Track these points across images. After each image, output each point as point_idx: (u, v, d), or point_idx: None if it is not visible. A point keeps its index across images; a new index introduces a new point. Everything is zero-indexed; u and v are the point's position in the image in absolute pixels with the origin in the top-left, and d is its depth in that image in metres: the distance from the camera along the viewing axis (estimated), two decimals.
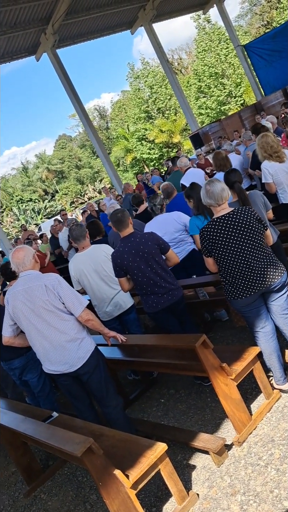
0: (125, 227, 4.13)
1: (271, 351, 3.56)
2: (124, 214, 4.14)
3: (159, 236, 4.23)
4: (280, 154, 5.14)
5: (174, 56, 50.46)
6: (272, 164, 5.18)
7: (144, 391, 4.83)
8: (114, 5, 18.36)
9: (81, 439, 2.71)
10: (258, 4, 49.22)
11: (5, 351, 4.48)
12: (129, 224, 4.14)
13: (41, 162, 57.53)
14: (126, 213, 4.18)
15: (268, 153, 5.12)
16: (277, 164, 5.16)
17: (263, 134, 5.26)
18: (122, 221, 4.12)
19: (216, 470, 3.21)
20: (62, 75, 17.93)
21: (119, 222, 4.13)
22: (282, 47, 21.21)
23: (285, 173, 5.19)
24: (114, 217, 4.17)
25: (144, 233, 4.26)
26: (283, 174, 5.19)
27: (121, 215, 4.13)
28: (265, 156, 5.16)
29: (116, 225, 4.18)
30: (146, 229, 5.13)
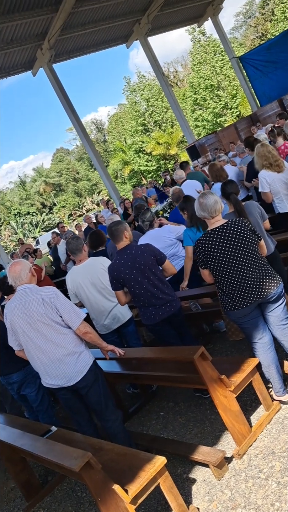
0: (119, 240, 4.13)
1: (269, 362, 3.54)
2: (118, 227, 4.12)
3: (155, 247, 4.23)
4: (280, 163, 5.19)
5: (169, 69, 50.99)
6: (269, 173, 5.21)
7: (143, 404, 4.80)
8: (109, 20, 18.54)
9: (80, 454, 2.68)
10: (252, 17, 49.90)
11: (4, 365, 4.46)
12: (123, 237, 4.12)
13: (38, 175, 57.77)
14: (120, 226, 4.15)
15: (269, 162, 5.15)
16: (275, 173, 5.19)
17: (262, 143, 5.31)
18: (115, 235, 4.12)
19: (216, 484, 3.18)
20: (58, 90, 18.06)
21: (112, 235, 4.14)
22: (277, 58, 21.41)
23: (283, 182, 5.22)
24: (109, 230, 4.19)
25: (140, 244, 4.26)
26: (280, 183, 5.22)
27: (115, 228, 4.13)
28: (264, 164, 5.19)
29: (111, 238, 4.20)
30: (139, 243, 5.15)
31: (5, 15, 14.13)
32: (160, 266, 4.18)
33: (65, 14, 15.28)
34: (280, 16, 36.68)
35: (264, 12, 45.95)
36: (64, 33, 16.92)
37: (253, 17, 49.82)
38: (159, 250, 4.22)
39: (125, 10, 18.79)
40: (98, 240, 5.88)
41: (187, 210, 5.04)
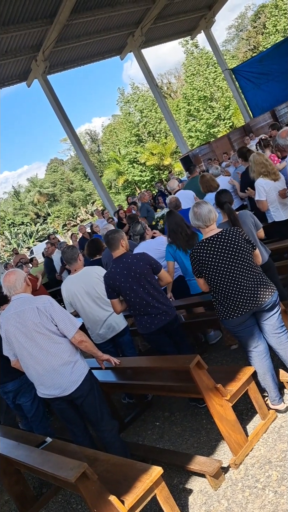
0: (116, 248, 4.14)
1: (265, 370, 3.54)
2: (115, 236, 4.15)
3: (151, 256, 4.24)
4: (276, 171, 5.24)
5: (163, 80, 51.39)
6: (267, 181, 5.27)
7: (139, 414, 4.78)
8: (103, 32, 18.72)
9: (75, 465, 2.66)
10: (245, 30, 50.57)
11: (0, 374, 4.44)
12: (120, 246, 4.14)
13: (33, 185, 57.79)
14: (117, 235, 4.17)
15: (267, 170, 5.20)
16: (271, 182, 5.24)
17: (258, 152, 5.37)
18: (112, 243, 4.14)
19: (213, 494, 3.16)
20: (53, 101, 18.16)
21: (109, 244, 4.16)
22: (269, 70, 21.69)
23: (277, 190, 5.27)
24: (106, 238, 4.21)
25: (136, 253, 4.27)
26: (276, 192, 5.27)
27: (111, 237, 4.15)
28: (262, 172, 5.24)
29: (108, 246, 4.22)
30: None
31: (0, 27, 14.25)
32: (156, 275, 4.19)
33: (59, 26, 15.42)
34: (271, 29, 37.18)
35: (255, 25, 46.58)
36: (58, 45, 17.07)
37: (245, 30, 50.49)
38: (155, 259, 4.23)
39: (119, 22, 18.99)
40: (96, 248, 5.90)
41: (168, 225, 5.06)
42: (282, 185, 5.30)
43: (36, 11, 14.83)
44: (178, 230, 4.97)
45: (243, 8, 69.38)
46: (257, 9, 47.63)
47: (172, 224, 5.04)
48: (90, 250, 5.81)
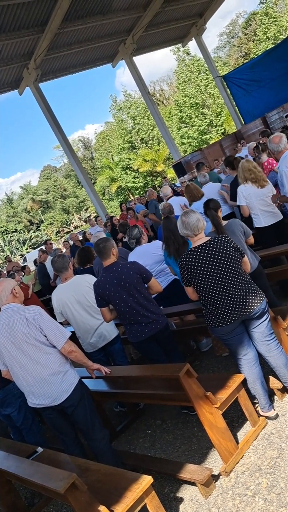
0: (107, 257, 4.14)
1: (254, 378, 3.56)
2: (106, 245, 4.15)
3: (141, 265, 4.24)
4: (264, 178, 5.31)
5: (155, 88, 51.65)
6: (247, 188, 5.34)
7: (130, 423, 4.77)
8: (95, 40, 18.83)
9: (65, 475, 2.66)
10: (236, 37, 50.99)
11: None
12: (111, 254, 4.14)
13: (26, 193, 57.76)
14: (108, 243, 4.17)
15: (255, 176, 5.27)
16: (253, 188, 5.30)
17: (247, 159, 5.44)
18: (103, 252, 4.14)
19: (203, 502, 3.16)
20: (45, 108, 18.22)
21: (100, 253, 4.16)
22: (260, 77, 21.90)
23: (260, 198, 5.33)
24: (96, 247, 4.21)
25: (126, 262, 4.29)
26: (257, 199, 5.33)
27: (103, 245, 4.15)
28: (250, 178, 5.30)
29: (99, 255, 4.21)
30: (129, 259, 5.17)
31: None
32: (146, 284, 4.20)
33: (51, 34, 15.50)
34: (262, 36, 37.55)
35: (247, 33, 47.01)
36: (50, 53, 17.14)
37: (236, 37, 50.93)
38: (145, 268, 4.24)
39: (110, 30, 19.11)
40: (87, 257, 5.89)
41: (163, 231, 5.09)
42: (267, 192, 5.34)
43: (28, 20, 14.90)
44: (170, 238, 4.99)
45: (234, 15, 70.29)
46: (248, 16, 48.13)
47: (166, 231, 5.06)
48: (81, 259, 5.82)
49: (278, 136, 5.13)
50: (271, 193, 5.39)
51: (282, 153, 5.11)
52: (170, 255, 5.02)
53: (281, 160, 5.10)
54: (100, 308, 4.22)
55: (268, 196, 5.37)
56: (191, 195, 6.53)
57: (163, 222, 5.19)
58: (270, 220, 5.44)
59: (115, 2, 16.91)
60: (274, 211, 5.44)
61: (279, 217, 5.47)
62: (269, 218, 5.44)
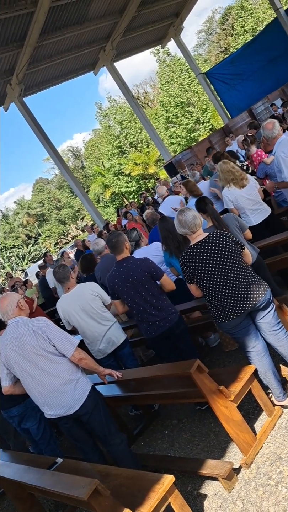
0: (120, 252, 4.22)
1: (266, 369, 3.56)
2: (119, 239, 4.21)
3: (152, 262, 4.25)
4: (244, 177, 5.30)
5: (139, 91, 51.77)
6: (231, 191, 5.38)
7: (147, 425, 4.77)
8: (75, 50, 18.86)
9: (87, 482, 2.66)
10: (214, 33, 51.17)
11: (4, 400, 4.43)
12: (124, 249, 4.20)
13: (20, 207, 57.84)
14: (121, 237, 4.24)
15: (235, 176, 5.28)
16: (237, 190, 5.33)
17: (224, 161, 5.45)
18: (117, 246, 4.21)
19: (227, 496, 3.16)
20: (31, 122, 18.24)
21: (114, 248, 4.23)
22: (242, 70, 22.01)
23: (245, 198, 5.35)
24: (110, 243, 4.27)
25: (137, 259, 4.27)
26: (242, 199, 5.36)
27: (116, 240, 4.22)
28: (231, 179, 5.32)
29: (112, 250, 4.28)
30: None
31: None
32: (157, 281, 4.21)
33: (30, 48, 15.53)
34: (240, 30, 37.73)
35: (224, 28, 47.18)
36: (31, 66, 17.17)
37: (214, 33, 51.10)
38: (156, 266, 4.24)
39: (89, 39, 19.14)
40: (89, 264, 5.91)
41: (160, 232, 5.11)
42: (250, 192, 5.35)
43: (5, 36, 14.94)
44: (169, 237, 5.00)
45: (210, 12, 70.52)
46: (224, 11, 48.30)
47: (163, 231, 5.07)
48: (84, 267, 5.83)
49: (271, 123, 5.14)
50: (255, 189, 5.39)
51: (276, 139, 5.09)
52: (172, 255, 5.02)
53: (276, 146, 5.09)
54: (113, 301, 4.36)
55: (253, 193, 5.37)
56: (192, 190, 6.51)
57: (159, 223, 5.20)
58: (259, 217, 5.46)
59: (90, 11, 16.95)
60: (261, 207, 5.45)
61: (268, 212, 5.47)
62: (258, 215, 5.46)
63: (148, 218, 6.57)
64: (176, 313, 4.28)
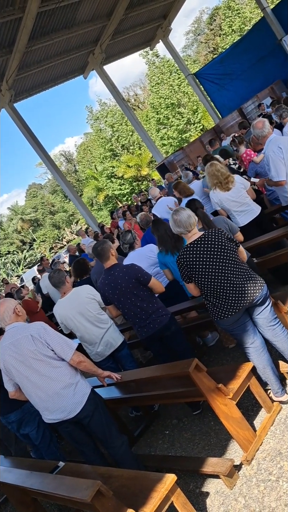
0: (107, 259, 4.29)
1: (264, 365, 3.59)
2: (104, 247, 4.27)
3: (139, 268, 4.29)
4: (229, 180, 5.36)
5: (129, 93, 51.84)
6: (216, 194, 5.47)
7: (148, 426, 4.79)
8: (64, 54, 18.90)
9: (89, 484, 2.68)
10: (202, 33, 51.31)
11: (1, 405, 4.44)
12: (110, 256, 4.26)
13: (14, 213, 57.68)
14: (106, 245, 4.29)
15: (218, 180, 5.36)
16: (221, 193, 5.39)
17: (211, 163, 5.50)
18: (102, 254, 4.26)
19: (229, 493, 3.18)
20: (23, 128, 18.26)
21: (99, 255, 4.29)
22: (231, 70, 22.12)
23: (230, 201, 5.42)
24: (95, 251, 4.32)
25: (124, 265, 4.32)
26: (228, 202, 5.45)
27: (101, 248, 4.27)
28: (215, 183, 5.40)
29: (98, 258, 4.34)
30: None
31: None
32: (146, 286, 4.25)
33: (19, 54, 15.55)
34: (227, 30, 37.83)
35: (212, 28, 47.35)
36: (21, 72, 17.20)
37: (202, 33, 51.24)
38: (143, 271, 4.28)
39: (77, 43, 19.19)
40: (82, 269, 5.90)
41: (155, 233, 5.15)
42: (235, 194, 5.39)
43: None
44: (164, 235, 5.04)
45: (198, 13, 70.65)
46: (211, 12, 48.46)
47: (159, 231, 5.10)
48: (76, 271, 5.84)
49: (261, 121, 5.18)
50: (241, 191, 5.42)
51: (266, 138, 5.13)
52: (167, 253, 5.04)
53: (266, 144, 5.13)
54: (106, 306, 4.46)
55: (238, 195, 5.40)
56: (184, 191, 6.55)
57: (153, 225, 5.23)
58: (246, 218, 5.52)
59: (78, 15, 17.00)
60: (248, 209, 5.49)
61: (255, 213, 5.50)
62: (245, 217, 5.52)
63: (142, 220, 6.61)
64: (167, 315, 4.32)
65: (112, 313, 4.53)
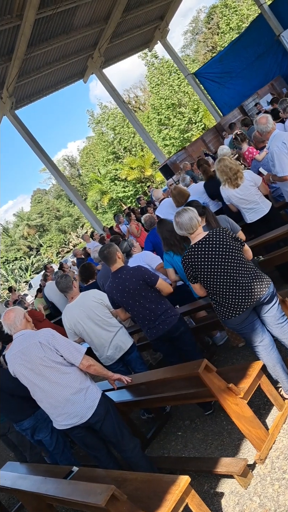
0: (113, 262, 4.29)
1: (274, 363, 3.57)
2: (110, 250, 4.28)
3: (146, 269, 4.29)
4: (238, 176, 5.30)
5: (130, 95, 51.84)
6: (225, 190, 5.44)
7: (160, 428, 4.79)
8: (63, 60, 18.94)
9: (103, 488, 2.69)
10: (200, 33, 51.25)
11: (15, 413, 4.46)
12: (116, 259, 4.26)
13: (20, 219, 57.90)
14: (112, 248, 4.30)
15: (228, 176, 5.29)
16: (230, 190, 5.35)
17: (220, 158, 5.43)
18: (109, 257, 4.28)
19: (244, 493, 3.18)
20: (25, 134, 18.32)
21: (106, 259, 4.30)
22: (230, 68, 22.07)
23: (238, 198, 5.38)
24: (101, 255, 4.33)
25: (131, 268, 4.32)
26: (236, 199, 5.40)
27: (107, 251, 4.28)
28: (225, 179, 5.34)
29: (105, 261, 4.34)
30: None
31: None
32: (153, 287, 4.25)
33: (19, 61, 15.61)
34: (225, 28, 37.73)
35: (210, 27, 47.25)
36: (21, 79, 17.27)
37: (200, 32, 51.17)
38: (149, 272, 4.28)
39: (76, 47, 19.23)
40: (88, 273, 5.90)
41: (161, 234, 5.14)
42: (244, 192, 5.34)
43: None
44: (171, 236, 5.03)
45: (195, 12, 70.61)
46: (208, 10, 48.40)
47: (164, 233, 5.10)
48: (82, 276, 5.85)
49: (265, 117, 5.16)
50: (250, 189, 5.35)
51: (270, 133, 5.12)
52: (176, 253, 5.04)
53: (270, 140, 5.11)
54: (115, 309, 4.47)
55: (247, 193, 5.35)
56: (177, 200, 6.46)
57: (158, 227, 5.24)
58: (254, 216, 5.50)
59: (76, 20, 17.03)
60: (257, 207, 5.44)
61: (263, 212, 5.44)
62: (253, 215, 5.50)
63: (146, 222, 6.61)
64: (175, 316, 4.31)
65: (120, 317, 4.53)
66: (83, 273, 5.80)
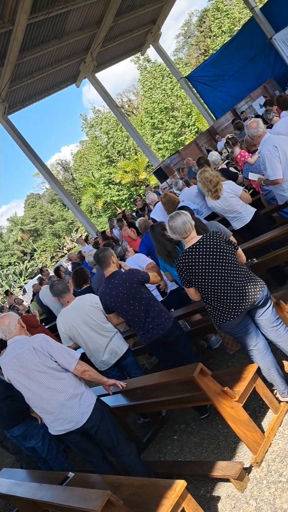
0: (107, 266, 4.27)
1: (269, 366, 3.58)
2: (105, 253, 4.26)
3: (138, 271, 4.31)
4: (218, 189, 5.36)
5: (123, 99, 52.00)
6: (208, 200, 5.58)
7: (156, 432, 4.78)
8: (55, 64, 18.97)
9: (99, 494, 2.67)
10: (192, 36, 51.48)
11: (5, 420, 4.43)
12: (111, 263, 4.25)
13: (14, 224, 57.83)
14: (107, 252, 4.28)
15: (208, 188, 5.40)
16: (211, 201, 5.45)
17: (202, 170, 5.49)
18: (103, 261, 4.26)
19: (240, 496, 3.17)
20: (18, 139, 18.32)
21: (100, 262, 4.28)
22: (223, 71, 22.18)
23: (220, 208, 5.51)
24: (96, 258, 4.32)
25: (123, 273, 4.32)
26: (217, 209, 5.54)
27: (102, 255, 4.27)
28: (206, 191, 5.45)
29: (99, 265, 4.33)
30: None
31: None
32: (147, 283, 4.27)
33: (11, 66, 15.61)
34: (217, 31, 37.91)
35: (202, 30, 47.49)
36: (13, 84, 17.27)
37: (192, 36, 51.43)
38: (141, 273, 4.29)
39: (68, 52, 19.27)
40: (82, 278, 5.89)
41: (153, 240, 5.14)
42: (223, 203, 5.41)
43: None
44: (157, 247, 5.04)
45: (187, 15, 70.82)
46: (200, 14, 48.64)
47: (155, 237, 5.09)
48: (76, 281, 5.83)
49: (255, 121, 5.20)
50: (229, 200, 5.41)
51: (261, 137, 5.15)
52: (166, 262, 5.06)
53: (261, 144, 5.14)
54: (107, 314, 4.44)
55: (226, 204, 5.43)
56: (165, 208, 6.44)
57: (151, 232, 5.24)
58: (237, 224, 5.64)
59: (68, 24, 17.06)
60: (239, 216, 5.54)
61: (245, 221, 5.55)
62: (237, 222, 5.63)
63: (141, 225, 6.62)
64: (170, 319, 4.30)
65: (113, 322, 4.52)
66: (77, 278, 5.79)
